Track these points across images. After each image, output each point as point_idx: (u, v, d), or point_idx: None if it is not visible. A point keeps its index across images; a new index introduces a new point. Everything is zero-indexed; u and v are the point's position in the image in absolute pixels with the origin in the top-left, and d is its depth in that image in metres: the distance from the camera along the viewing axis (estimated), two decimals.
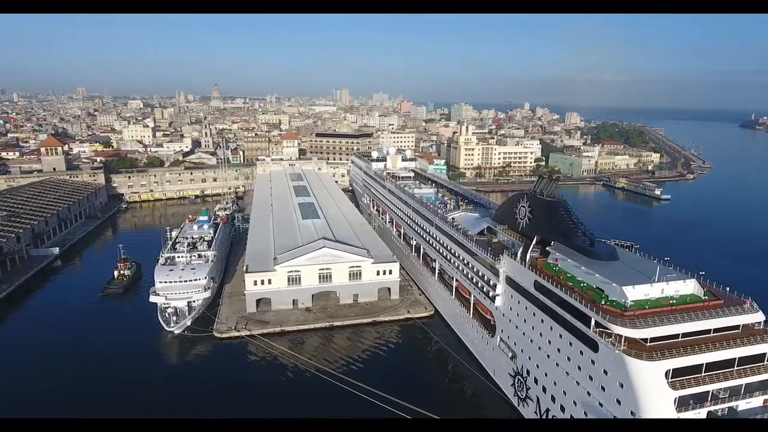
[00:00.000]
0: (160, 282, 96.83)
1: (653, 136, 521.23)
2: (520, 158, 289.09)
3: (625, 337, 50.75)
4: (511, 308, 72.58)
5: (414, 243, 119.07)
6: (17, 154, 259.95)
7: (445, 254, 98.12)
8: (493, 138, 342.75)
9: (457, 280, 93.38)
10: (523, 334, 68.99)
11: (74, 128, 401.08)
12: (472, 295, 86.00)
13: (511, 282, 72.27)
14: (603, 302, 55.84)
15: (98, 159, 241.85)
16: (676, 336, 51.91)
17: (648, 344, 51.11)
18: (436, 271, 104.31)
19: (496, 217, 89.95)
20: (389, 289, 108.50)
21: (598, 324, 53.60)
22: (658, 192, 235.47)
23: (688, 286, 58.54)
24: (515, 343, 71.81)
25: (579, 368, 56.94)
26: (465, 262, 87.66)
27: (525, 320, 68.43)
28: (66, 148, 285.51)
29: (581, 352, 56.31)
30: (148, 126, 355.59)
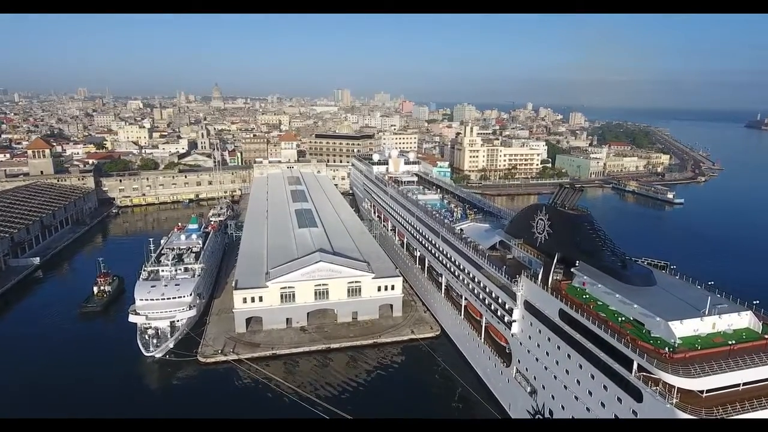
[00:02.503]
0: (141, 300, 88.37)
1: (659, 136, 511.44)
2: (526, 160, 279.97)
3: (678, 387, 42.10)
4: (530, 337, 63.89)
5: (418, 254, 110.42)
6: (8, 155, 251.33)
7: (452, 269, 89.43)
8: (498, 139, 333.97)
9: (466, 299, 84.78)
10: (545, 368, 60.33)
11: (71, 129, 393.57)
12: (484, 318, 77.38)
13: (530, 308, 63.55)
14: (645, 340, 47.23)
15: (90, 161, 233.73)
16: (736, 385, 43.27)
17: (705, 395, 42.49)
18: (443, 287, 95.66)
19: (510, 230, 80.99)
20: (391, 305, 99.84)
21: (641, 368, 44.97)
22: (670, 196, 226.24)
23: (743, 320, 49.88)
24: (535, 378, 63.15)
25: (616, 418, 48.30)
26: (476, 280, 78.96)
27: (548, 353, 59.75)
28: (59, 149, 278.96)
29: (619, 399, 47.67)
30: (144, 127, 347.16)
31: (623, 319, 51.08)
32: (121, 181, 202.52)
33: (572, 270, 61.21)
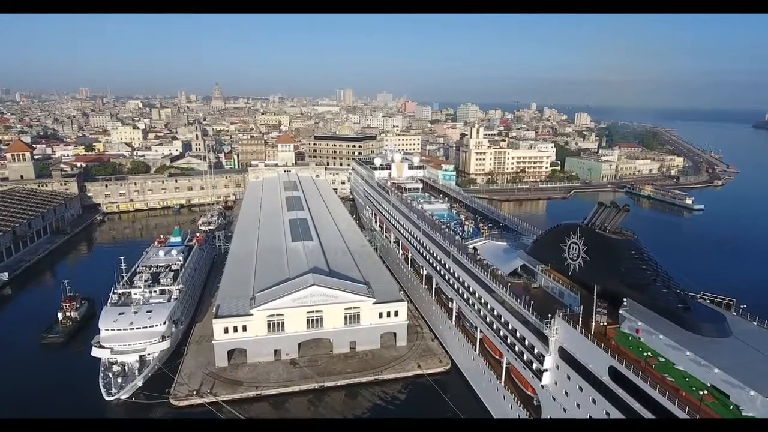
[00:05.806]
0: (106, 330, 76.65)
1: (668, 137, 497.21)
2: (534, 163, 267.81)
3: None
4: (567, 393, 51.93)
5: (424, 273, 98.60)
6: None
7: (465, 296, 77.52)
8: (504, 141, 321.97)
9: (482, 332, 72.89)
10: None
11: (65, 129, 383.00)
12: (505, 358, 65.48)
13: (567, 357, 51.58)
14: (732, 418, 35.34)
15: (78, 164, 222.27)
16: None
17: None
18: (454, 313, 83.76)
19: (534, 252, 69.09)
20: (395, 334, 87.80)
21: None
22: (689, 201, 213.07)
23: None
24: None
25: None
26: (495, 313, 67.05)
27: (591, 417, 47.83)
28: (49, 151, 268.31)
29: None
30: (138, 128, 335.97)
31: (703, 391, 38.93)
32: (107, 185, 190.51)
33: (620, 311, 49.30)
